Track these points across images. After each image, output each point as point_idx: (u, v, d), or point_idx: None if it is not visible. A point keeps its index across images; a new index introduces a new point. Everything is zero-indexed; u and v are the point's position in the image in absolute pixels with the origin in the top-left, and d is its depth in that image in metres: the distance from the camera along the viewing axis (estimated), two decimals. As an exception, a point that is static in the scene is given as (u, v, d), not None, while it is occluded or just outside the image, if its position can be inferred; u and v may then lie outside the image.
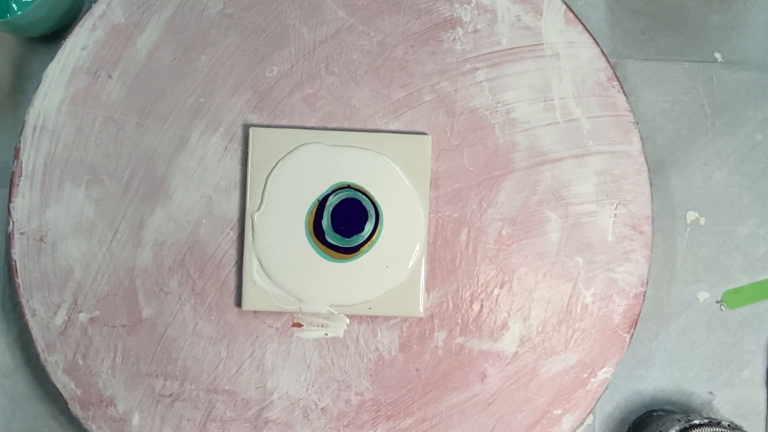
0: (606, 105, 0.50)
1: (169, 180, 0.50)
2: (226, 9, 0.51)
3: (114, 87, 0.50)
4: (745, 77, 0.54)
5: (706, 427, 0.46)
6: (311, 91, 0.50)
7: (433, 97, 0.50)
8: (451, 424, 0.50)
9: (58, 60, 0.50)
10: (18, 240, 0.49)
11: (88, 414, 0.49)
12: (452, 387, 0.50)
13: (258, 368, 0.50)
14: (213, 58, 0.50)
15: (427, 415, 0.50)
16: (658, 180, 0.53)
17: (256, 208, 0.49)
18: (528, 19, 0.51)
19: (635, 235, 0.50)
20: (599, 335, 0.50)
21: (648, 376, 0.52)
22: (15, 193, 0.49)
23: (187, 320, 0.50)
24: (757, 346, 0.53)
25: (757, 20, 0.54)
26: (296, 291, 0.49)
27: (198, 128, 0.50)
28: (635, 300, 0.50)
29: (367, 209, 0.49)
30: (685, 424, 0.46)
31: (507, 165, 0.50)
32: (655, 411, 0.51)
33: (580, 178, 0.50)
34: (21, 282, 0.49)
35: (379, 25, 0.51)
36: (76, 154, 0.50)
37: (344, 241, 0.49)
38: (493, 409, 0.50)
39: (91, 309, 0.49)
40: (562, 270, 0.50)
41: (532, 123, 0.50)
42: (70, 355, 0.49)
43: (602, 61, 0.51)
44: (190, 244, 0.50)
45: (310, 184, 0.49)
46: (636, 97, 0.53)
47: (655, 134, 0.53)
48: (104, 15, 0.50)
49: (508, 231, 0.50)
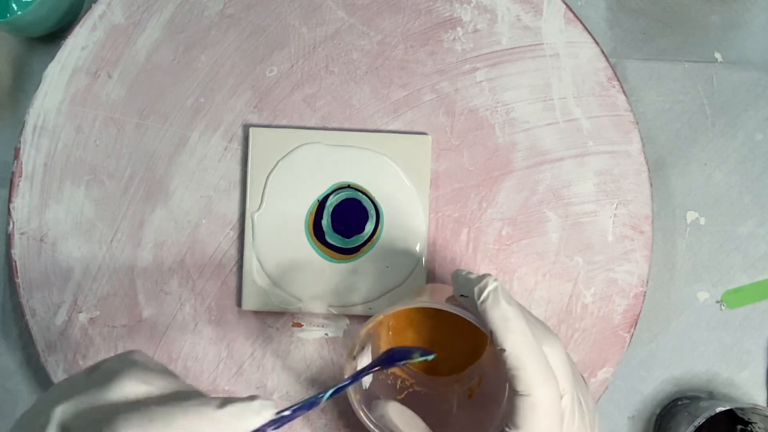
0: (606, 105, 0.50)
1: (169, 180, 0.50)
2: (226, 9, 0.51)
3: (114, 87, 0.50)
4: (745, 77, 0.54)
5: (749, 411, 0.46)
6: (311, 91, 0.50)
7: (433, 97, 0.50)
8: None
9: (58, 60, 0.50)
10: (18, 240, 0.49)
11: (88, 414, 0.49)
12: (452, 387, 0.50)
13: (258, 368, 0.50)
14: (213, 58, 0.50)
15: (427, 415, 0.50)
16: (658, 180, 0.53)
17: (256, 208, 0.49)
18: (528, 19, 0.51)
19: (635, 235, 0.50)
20: (599, 335, 0.50)
21: (648, 376, 0.52)
22: (15, 193, 0.49)
23: (187, 320, 0.49)
24: (757, 346, 0.53)
25: (757, 20, 0.54)
26: (296, 291, 0.49)
27: (198, 128, 0.50)
28: (635, 300, 0.50)
29: (368, 209, 0.49)
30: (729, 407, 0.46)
31: (507, 165, 0.50)
32: (680, 400, 0.51)
33: (580, 178, 0.50)
34: (21, 282, 0.49)
35: (379, 25, 0.51)
36: (76, 154, 0.50)
37: (344, 242, 0.49)
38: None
39: (91, 309, 0.49)
40: (562, 270, 0.50)
41: (532, 123, 0.50)
42: (70, 355, 0.49)
43: (602, 61, 0.51)
44: (190, 244, 0.50)
45: (310, 184, 0.49)
46: (636, 97, 0.53)
47: (655, 134, 0.53)
48: (104, 15, 0.50)
49: (508, 231, 0.50)
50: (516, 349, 0.33)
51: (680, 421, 0.48)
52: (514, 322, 0.33)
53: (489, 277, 0.35)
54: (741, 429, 0.50)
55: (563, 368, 0.34)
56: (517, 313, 0.34)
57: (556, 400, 0.33)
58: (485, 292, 0.34)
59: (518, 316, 0.34)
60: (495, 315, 0.33)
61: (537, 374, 0.33)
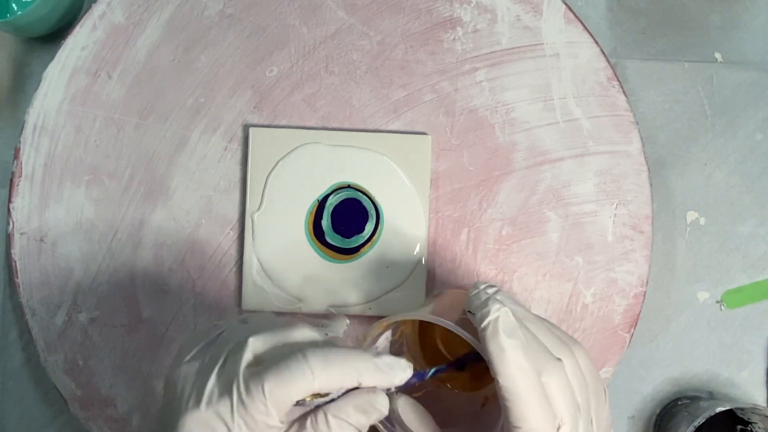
0: (606, 105, 0.50)
1: (169, 180, 0.50)
2: (226, 9, 0.51)
3: (114, 87, 0.50)
4: (745, 77, 0.54)
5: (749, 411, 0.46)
6: (311, 91, 0.50)
7: (433, 97, 0.50)
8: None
9: (58, 60, 0.50)
10: (18, 240, 0.49)
11: (88, 414, 0.49)
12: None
13: (258, 368, 0.50)
14: (213, 58, 0.50)
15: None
16: (658, 180, 0.53)
17: (256, 208, 0.49)
18: (528, 19, 0.51)
19: (635, 235, 0.50)
20: (599, 335, 0.50)
21: (648, 376, 0.52)
22: (15, 193, 0.49)
23: (187, 320, 0.49)
24: (757, 346, 0.53)
25: (757, 20, 0.54)
26: (296, 291, 0.49)
27: (198, 128, 0.50)
28: (635, 300, 0.50)
29: (368, 209, 0.49)
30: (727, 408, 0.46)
31: (507, 165, 0.50)
32: (680, 400, 0.51)
33: (580, 178, 0.50)
34: (21, 282, 0.49)
35: (379, 25, 0.51)
36: (76, 154, 0.50)
37: (344, 242, 0.49)
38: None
39: (91, 309, 0.49)
40: (562, 270, 0.50)
41: (532, 123, 0.50)
42: (70, 355, 0.49)
43: (602, 61, 0.51)
44: (190, 244, 0.50)
45: (310, 184, 0.49)
46: (636, 97, 0.53)
47: (655, 134, 0.53)
48: (104, 15, 0.50)
49: (508, 231, 0.50)
50: (509, 381, 0.33)
51: (680, 421, 0.48)
52: (511, 355, 0.33)
53: (493, 305, 0.34)
54: (741, 429, 0.50)
55: (563, 396, 0.34)
56: (515, 346, 0.33)
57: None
58: (485, 321, 0.34)
59: (515, 348, 0.33)
60: (492, 346, 0.33)
61: (528, 408, 0.33)
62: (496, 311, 0.34)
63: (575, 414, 0.35)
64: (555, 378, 0.34)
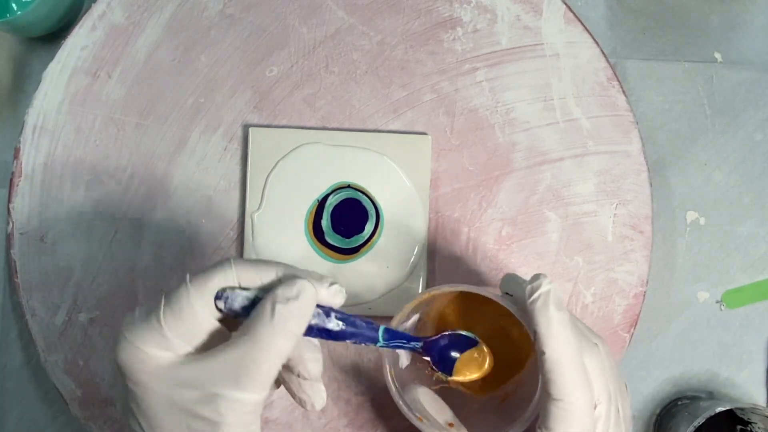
0: (606, 105, 0.50)
1: (169, 180, 0.50)
2: (226, 9, 0.51)
3: (114, 87, 0.50)
4: (745, 77, 0.54)
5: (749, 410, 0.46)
6: (311, 91, 0.50)
7: (433, 97, 0.50)
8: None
9: (58, 60, 0.50)
10: (18, 240, 0.49)
11: (88, 414, 0.49)
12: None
13: (258, 368, 0.50)
14: (213, 58, 0.50)
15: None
16: (658, 180, 0.53)
17: (255, 208, 0.49)
18: (528, 18, 0.51)
19: (635, 235, 0.50)
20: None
21: (648, 376, 0.52)
22: (15, 193, 0.49)
23: (187, 320, 0.49)
24: (757, 346, 0.53)
25: (757, 20, 0.54)
26: (296, 291, 0.49)
27: (198, 128, 0.50)
28: (635, 300, 0.50)
29: (368, 209, 0.49)
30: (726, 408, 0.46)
31: (507, 165, 0.50)
32: (680, 400, 0.51)
33: (580, 178, 0.50)
34: (21, 282, 0.49)
35: (379, 25, 0.51)
36: (76, 154, 0.50)
37: (344, 242, 0.49)
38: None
39: (91, 309, 0.49)
40: (562, 270, 0.50)
41: (532, 123, 0.50)
42: (70, 355, 0.49)
43: (602, 61, 0.51)
44: (190, 244, 0.50)
45: (310, 184, 0.49)
46: (636, 97, 0.53)
47: (655, 134, 0.53)
48: (104, 15, 0.50)
49: (508, 231, 0.50)
50: (556, 353, 0.33)
51: (680, 421, 0.48)
52: (559, 327, 0.34)
53: (544, 279, 0.35)
54: (741, 429, 0.50)
55: (601, 378, 0.35)
56: (563, 320, 0.34)
57: (589, 408, 0.34)
58: (537, 293, 0.34)
59: (564, 322, 0.34)
60: (542, 317, 0.34)
61: (572, 381, 0.33)
62: (547, 284, 0.35)
63: (612, 396, 0.35)
64: (594, 359, 0.35)
